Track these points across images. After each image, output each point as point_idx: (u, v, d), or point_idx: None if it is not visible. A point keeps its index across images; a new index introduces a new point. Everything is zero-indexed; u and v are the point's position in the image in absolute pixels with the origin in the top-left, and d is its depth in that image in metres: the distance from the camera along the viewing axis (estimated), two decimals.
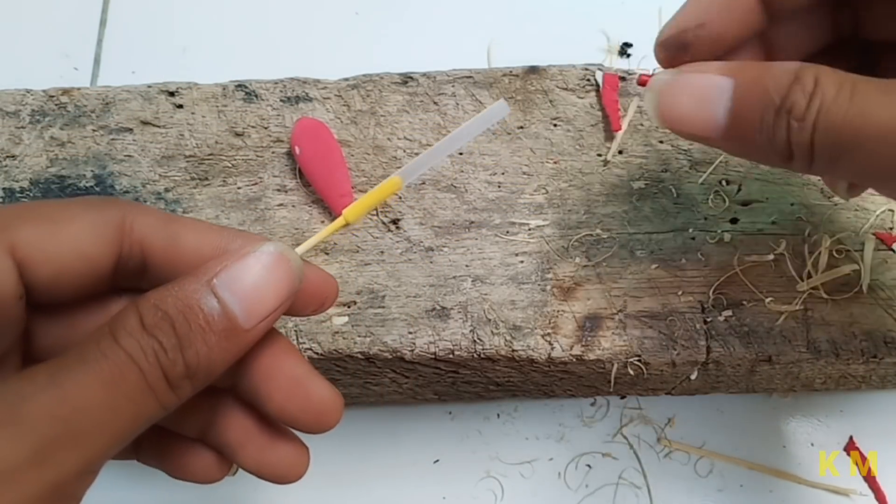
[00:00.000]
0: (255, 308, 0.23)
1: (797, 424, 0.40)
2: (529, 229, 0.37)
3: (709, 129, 0.25)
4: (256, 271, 0.23)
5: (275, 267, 0.23)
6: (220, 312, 0.22)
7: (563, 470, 0.40)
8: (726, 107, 0.24)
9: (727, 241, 0.37)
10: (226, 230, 0.26)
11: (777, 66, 0.24)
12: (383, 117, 0.40)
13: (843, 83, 0.22)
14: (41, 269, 0.23)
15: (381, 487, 0.40)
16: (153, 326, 0.22)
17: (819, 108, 0.22)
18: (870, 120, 0.22)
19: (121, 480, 0.41)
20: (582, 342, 0.35)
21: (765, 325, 0.35)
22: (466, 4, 0.52)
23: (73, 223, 0.24)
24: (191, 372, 0.22)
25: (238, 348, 0.23)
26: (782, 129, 0.23)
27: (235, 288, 0.23)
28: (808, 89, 0.22)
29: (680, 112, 0.25)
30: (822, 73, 0.23)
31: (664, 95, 0.26)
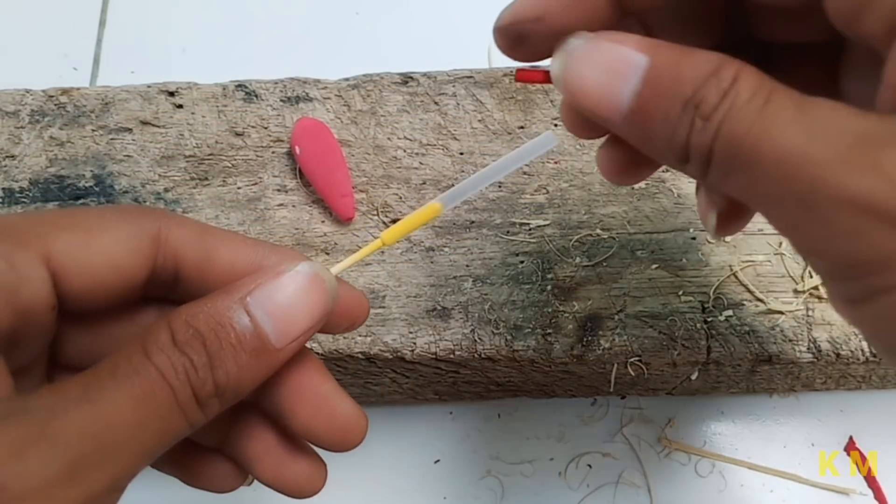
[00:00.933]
0: (288, 328, 0.22)
1: (797, 424, 0.40)
2: (530, 229, 0.37)
3: (611, 107, 0.22)
4: (291, 291, 0.23)
5: (309, 287, 0.23)
6: (252, 331, 0.22)
7: (563, 469, 0.40)
8: (634, 87, 0.21)
9: (728, 240, 0.37)
10: (261, 245, 0.25)
11: (700, 53, 0.21)
12: (383, 117, 0.40)
13: (761, 88, 0.20)
14: (75, 280, 0.23)
15: (382, 487, 0.40)
16: (184, 343, 0.21)
17: (727, 110, 0.20)
18: (774, 138, 0.19)
19: None
20: (582, 342, 0.35)
21: (765, 325, 0.35)
22: (466, 4, 0.52)
23: (108, 233, 0.24)
24: (220, 391, 0.22)
25: (268, 368, 0.23)
26: (685, 125, 0.20)
27: (269, 307, 0.22)
28: (724, 86, 0.20)
29: (584, 83, 0.22)
30: (744, 71, 0.20)
31: (571, 61, 0.23)
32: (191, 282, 0.25)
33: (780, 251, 0.36)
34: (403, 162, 0.39)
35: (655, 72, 0.21)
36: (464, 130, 0.40)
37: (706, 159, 0.20)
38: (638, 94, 0.21)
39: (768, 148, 0.19)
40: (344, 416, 0.25)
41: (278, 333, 0.22)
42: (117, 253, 0.24)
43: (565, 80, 0.23)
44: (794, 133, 0.19)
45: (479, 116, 0.40)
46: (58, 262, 0.23)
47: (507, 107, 0.40)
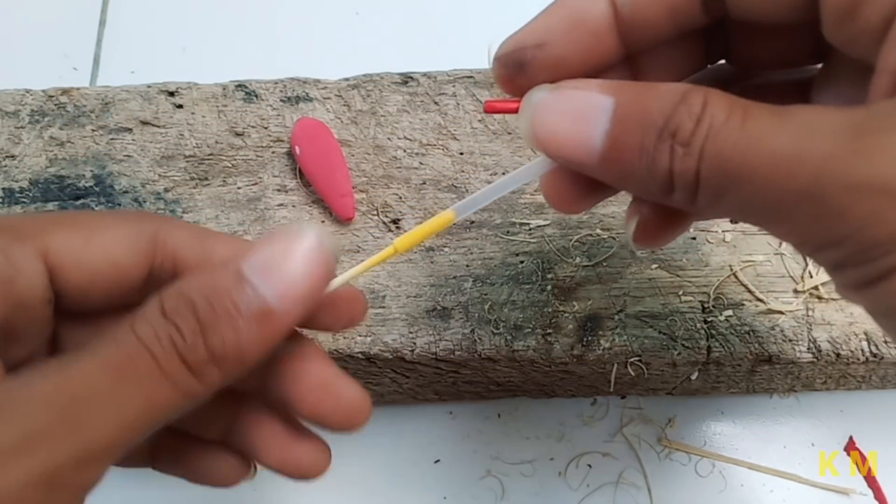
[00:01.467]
0: (288, 290, 0.21)
1: (797, 424, 0.40)
2: (530, 229, 0.37)
3: (584, 152, 0.22)
4: (287, 252, 0.22)
5: (306, 247, 0.22)
6: (250, 296, 0.21)
7: (563, 469, 0.40)
8: (604, 129, 0.21)
9: (728, 241, 0.37)
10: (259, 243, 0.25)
11: (663, 85, 0.21)
12: (383, 117, 0.40)
13: (734, 107, 0.20)
14: (72, 275, 0.23)
15: (382, 487, 0.40)
16: (172, 312, 0.21)
17: (707, 132, 0.19)
18: (763, 147, 0.19)
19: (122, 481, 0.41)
20: (582, 342, 0.35)
21: (765, 325, 0.35)
22: (466, 4, 0.52)
23: (107, 231, 0.24)
24: (217, 357, 0.21)
25: (271, 334, 0.22)
26: (664, 155, 0.20)
27: (266, 271, 0.21)
28: (696, 111, 0.20)
29: (554, 132, 0.22)
30: (712, 95, 0.20)
31: (538, 113, 0.23)
32: None
33: (780, 251, 0.36)
34: (403, 162, 0.39)
35: (622, 109, 0.21)
36: (464, 130, 0.40)
37: (693, 185, 0.20)
38: (608, 134, 0.21)
39: (760, 157, 0.19)
40: (349, 398, 0.25)
41: (278, 296, 0.21)
42: (116, 250, 0.24)
43: (535, 133, 0.23)
44: (785, 138, 0.19)
45: (479, 116, 0.40)
46: (56, 256, 0.23)
47: None
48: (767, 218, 0.20)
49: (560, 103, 0.22)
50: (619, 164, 0.21)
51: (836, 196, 0.18)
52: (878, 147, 0.18)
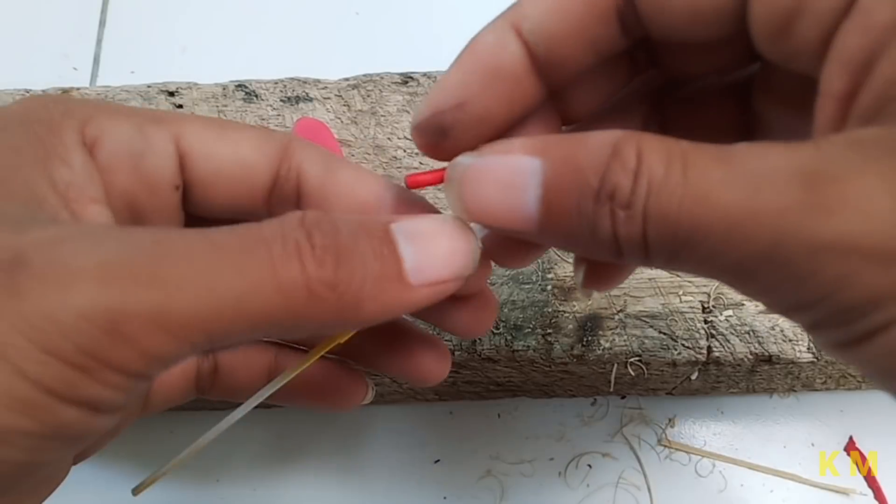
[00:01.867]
0: (426, 265, 0.20)
1: (797, 424, 0.40)
2: None
3: (521, 221, 0.20)
4: (436, 230, 0.21)
5: (456, 235, 0.21)
6: (389, 252, 0.20)
7: (563, 469, 0.40)
8: (536, 194, 0.19)
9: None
10: (383, 179, 0.25)
11: (592, 137, 0.19)
12: (383, 117, 0.40)
13: (672, 156, 0.17)
14: (201, 166, 0.23)
15: (382, 487, 0.40)
16: (312, 224, 0.19)
17: (647, 190, 0.17)
18: (712, 205, 0.17)
19: (120, 481, 0.41)
20: (582, 342, 0.35)
21: (765, 325, 0.35)
22: (466, 4, 0.52)
23: (239, 131, 0.24)
24: (340, 289, 0.19)
25: (395, 302, 0.20)
26: (605, 220, 0.18)
27: (412, 235, 0.21)
28: (631, 166, 0.18)
29: (485, 205, 0.20)
30: (645, 143, 0.18)
31: (465, 187, 0.21)
32: (311, 201, 0.24)
33: None
34: (403, 162, 0.39)
35: (552, 171, 0.19)
36: None
37: (642, 248, 0.18)
38: (542, 200, 0.20)
39: (711, 216, 0.17)
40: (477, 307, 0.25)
41: (415, 266, 0.20)
42: (245, 148, 0.24)
43: (466, 207, 0.21)
44: (734, 191, 0.17)
45: None
46: (187, 143, 0.23)
47: None
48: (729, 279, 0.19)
49: (486, 172, 0.21)
50: (558, 229, 0.20)
51: (800, 261, 0.17)
52: (837, 201, 0.16)
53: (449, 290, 0.21)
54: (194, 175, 0.23)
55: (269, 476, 0.41)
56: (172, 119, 0.23)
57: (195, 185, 0.24)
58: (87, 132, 0.22)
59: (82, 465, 0.42)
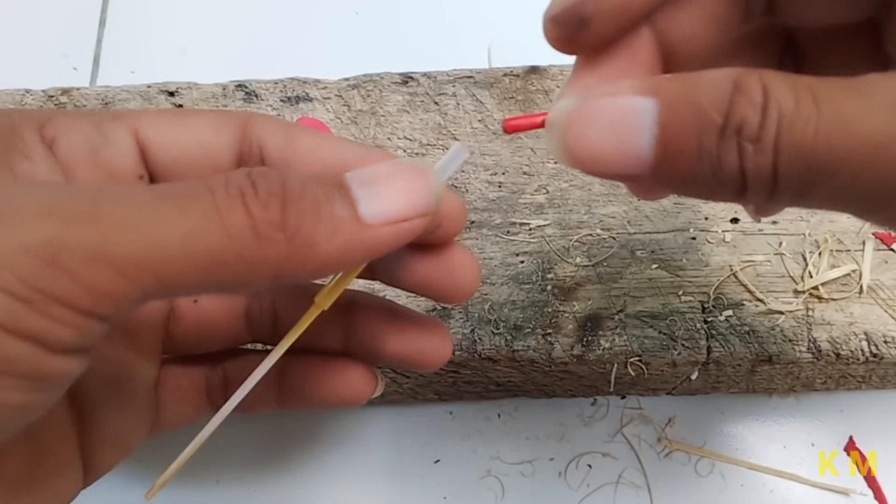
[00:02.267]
0: (383, 204, 0.20)
1: (797, 424, 0.40)
2: (530, 229, 0.37)
3: (633, 164, 0.19)
4: (391, 172, 0.21)
5: (412, 175, 0.21)
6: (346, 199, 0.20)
7: (563, 469, 0.40)
8: (651, 135, 0.19)
9: (728, 241, 0.37)
10: (346, 140, 0.25)
11: (706, 75, 0.19)
12: (383, 117, 0.40)
13: (800, 89, 0.17)
14: (162, 153, 0.24)
15: (382, 487, 0.40)
16: (258, 175, 0.19)
17: (779, 123, 0.17)
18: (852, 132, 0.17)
19: (118, 479, 0.41)
20: (582, 342, 0.35)
21: (765, 325, 0.35)
22: (466, 4, 0.52)
23: (195, 118, 0.24)
24: (289, 229, 0.19)
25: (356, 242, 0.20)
26: (732, 155, 0.18)
27: (367, 181, 0.20)
28: (758, 100, 0.17)
29: (594, 148, 0.20)
30: (769, 78, 0.18)
31: (571, 130, 0.20)
32: None
33: (780, 251, 0.36)
34: None
35: (668, 110, 0.19)
36: (464, 130, 0.40)
37: (771, 183, 0.18)
38: (658, 140, 0.19)
39: (852, 144, 0.17)
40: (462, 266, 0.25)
41: (371, 206, 0.20)
42: (204, 131, 0.24)
43: (571, 151, 0.20)
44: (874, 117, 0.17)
45: (479, 116, 0.40)
46: (145, 134, 0.24)
47: (507, 107, 0.40)
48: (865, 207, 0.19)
49: (594, 114, 0.20)
50: (676, 170, 0.19)
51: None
52: None
53: (414, 228, 0.21)
54: (157, 164, 0.24)
55: (269, 476, 0.41)
56: (129, 115, 0.24)
57: (160, 174, 0.24)
58: (45, 132, 0.23)
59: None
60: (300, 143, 0.24)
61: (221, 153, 0.24)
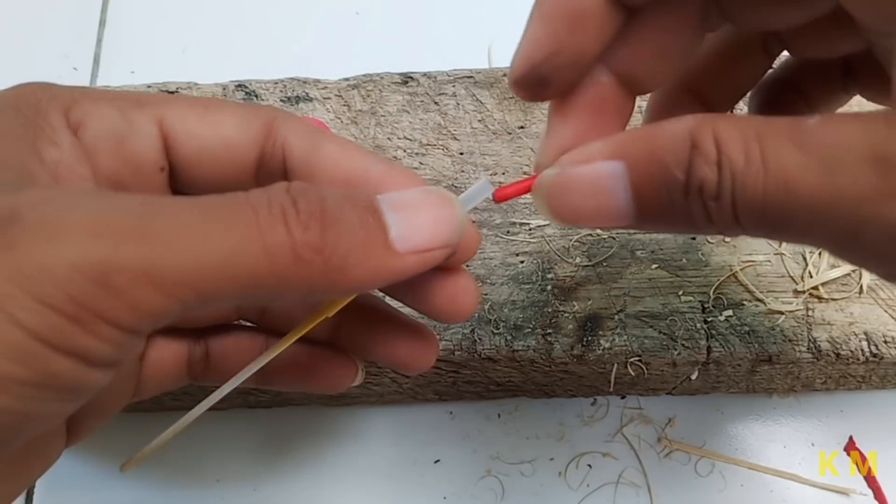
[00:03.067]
0: (411, 233, 0.21)
1: (797, 424, 0.40)
2: (530, 229, 0.37)
3: (616, 219, 0.21)
4: (421, 200, 0.22)
5: (441, 205, 0.22)
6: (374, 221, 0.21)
7: (563, 469, 0.40)
8: (626, 196, 0.21)
9: (728, 241, 0.37)
10: (369, 152, 0.25)
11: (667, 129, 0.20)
12: (383, 117, 0.40)
13: (749, 142, 0.18)
14: (184, 146, 0.24)
15: (382, 487, 0.40)
16: (298, 191, 0.20)
17: (732, 182, 0.19)
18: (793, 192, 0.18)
19: (118, 479, 0.41)
20: (582, 342, 0.35)
21: (765, 325, 0.35)
22: (466, 4, 0.52)
23: (222, 111, 0.24)
24: (325, 253, 0.19)
25: (384, 268, 0.21)
26: (699, 209, 0.20)
27: (398, 207, 0.21)
28: (713, 158, 0.19)
29: (578, 212, 0.22)
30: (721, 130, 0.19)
31: (554, 199, 0.22)
32: (297, 175, 0.25)
33: (780, 251, 0.36)
34: (403, 162, 0.39)
35: (636, 172, 0.20)
36: (464, 130, 0.40)
37: (738, 229, 0.20)
38: (633, 199, 0.21)
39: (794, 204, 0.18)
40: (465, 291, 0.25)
41: (401, 233, 0.21)
42: (228, 127, 0.24)
43: (557, 216, 0.22)
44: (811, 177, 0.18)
45: (479, 116, 0.40)
46: (170, 125, 0.23)
47: (507, 107, 0.40)
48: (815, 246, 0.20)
49: (571, 183, 0.22)
50: (655, 221, 0.21)
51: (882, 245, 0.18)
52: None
53: (436, 258, 0.22)
54: (179, 156, 0.24)
55: (269, 476, 0.41)
56: (155, 102, 0.24)
57: (180, 166, 0.24)
58: (70, 116, 0.22)
59: (82, 462, 0.42)
60: (325, 152, 0.25)
61: (244, 151, 0.24)
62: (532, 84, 0.23)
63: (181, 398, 0.39)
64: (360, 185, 0.24)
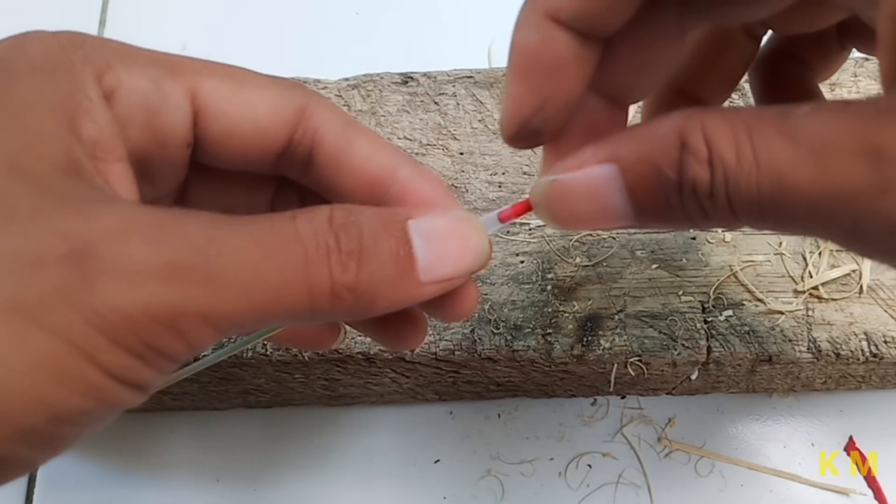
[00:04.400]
0: (437, 265, 0.21)
1: (797, 424, 0.40)
2: (530, 229, 0.37)
3: (616, 220, 0.21)
4: (451, 231, 0.22)
5: (469, 236, 0.22)
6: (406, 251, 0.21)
7: (563, 469, 0.40)
8: (623, 195, 0.20)
9: (728, 240, 0.37)
10: (399, 152, 0.25)
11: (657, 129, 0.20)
12: (383, 117, 0.40)
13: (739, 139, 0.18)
14: (214, 124, 0.23)
15: (382, 487, 0.40)
16: (339, 225, 0.20)
17: (725, 181, 0.18)
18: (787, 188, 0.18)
19: (118, 479, 0.41)
20: (582, 342, 0.35)
21: (765, 324, 0.35)
22: (466, 4, 0.52)
23: (257, 90, 0.24)
24: (358, 290, 0.20)
25: (407, 298, 0.21)
26: (695, 208, 0.19)
27: (429, 237, 0.21)
28: (703, 157, 0.19)
29: (578, 216, 0.22)
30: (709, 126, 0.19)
31: (552, 207, 0.22)
32: (323, 167, 0.25)
33: (780, 251, 0.36)
34: None
35: (630, 175, 0.20)
36: (464, 130, 0.40)
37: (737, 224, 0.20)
38: (630, 200, 0.21)
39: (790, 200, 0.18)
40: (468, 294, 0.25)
41: (427, 266, 0.21)
42: (261, 109, 0.24)
43: (560, 223, 0.23)
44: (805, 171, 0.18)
45: (479, 116, 0.40)
46: (202, 100, 0.23)
47: None
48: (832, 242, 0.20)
49: (568, 190, 0.22)
50: (655, 217, 0.21)
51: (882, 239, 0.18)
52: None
53: (454, 286, 0.23)
54: (207, 134, 0.24)
55: (268, 475, 0.41)
56: (191, 71, 0.23)
57: (206, 142, 0.24)
58: (104, 81, 0.22)
59: (82, 462, 0.42)
60: (356, 149, 0.25)
61: (274, 136, 0.24)
62: (526, 137, 0.23)
63: (181, 398, 0.39)
64: (386, 185, 0.24)
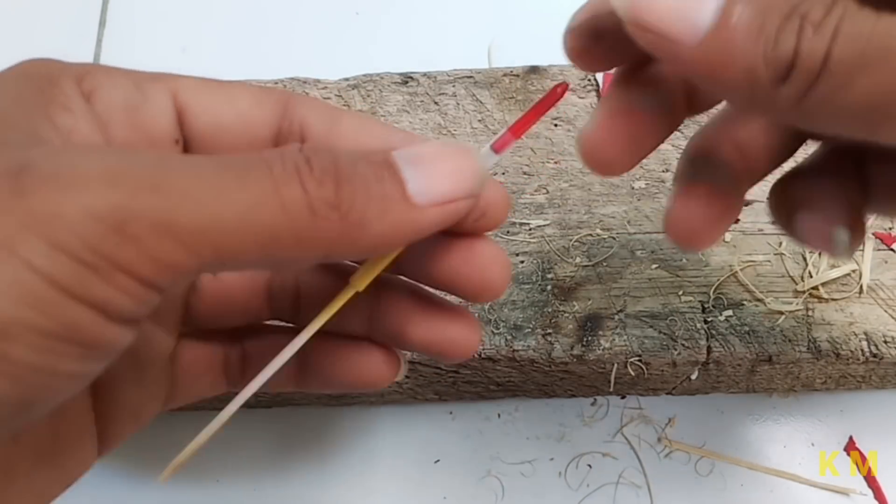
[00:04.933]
0: (431, 185, 0.20)
1: (797, 424, 0.40)
2: (530, 229, 0.37)
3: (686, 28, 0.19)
4: (437, 153, 0.21)
5: (458, 156, 0.21)
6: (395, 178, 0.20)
7: (563, 469, 0.40)
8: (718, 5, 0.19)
9: (727, 240, 0.37)
10: (388, 125, 0.25)
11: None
12: (383, 117, 0.40)
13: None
14: (199, 119, 0.23)
15: (382, 487, 0.40)
16: (311, 151, 0.19)
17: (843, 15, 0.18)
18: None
19: (117, 479, 0.41)
20: (582, 342, 0.35)
21: (765, 325, 0.35)
22: (466, 4, 0.52)
23: (237, 88, 0.24)
24: (343, 207, 0.19)
25: (405, 223, 0.20)
26: (790, 35, 0.18)
27: (414, 161, 0.21)
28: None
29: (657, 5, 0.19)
30: None
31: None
32: None
33: (780, 251, 0.36)
34: None
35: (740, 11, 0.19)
36: (464, 130, 0.40)
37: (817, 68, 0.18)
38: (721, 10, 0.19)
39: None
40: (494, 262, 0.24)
41: (419, 186, 0.20)
42: (244, 103, 0.24)
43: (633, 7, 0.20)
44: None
45: (479, 116, 0.40)
46: (184, 97, 0.23)
47: (507, 107, 0.40)
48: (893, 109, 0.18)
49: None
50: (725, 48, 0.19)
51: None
52: None
53: (459, 211, 0.21)
54: (194, 130, 0.24)
55: (269, 476, 0.41)
56: (169, 77, 0.24)
57: (195, 140, 0.24)
58: (83, 85, 0.22)
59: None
60: (345, 126, 0.24)
61: (260, 127, 0.24)
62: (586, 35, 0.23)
63: None
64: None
